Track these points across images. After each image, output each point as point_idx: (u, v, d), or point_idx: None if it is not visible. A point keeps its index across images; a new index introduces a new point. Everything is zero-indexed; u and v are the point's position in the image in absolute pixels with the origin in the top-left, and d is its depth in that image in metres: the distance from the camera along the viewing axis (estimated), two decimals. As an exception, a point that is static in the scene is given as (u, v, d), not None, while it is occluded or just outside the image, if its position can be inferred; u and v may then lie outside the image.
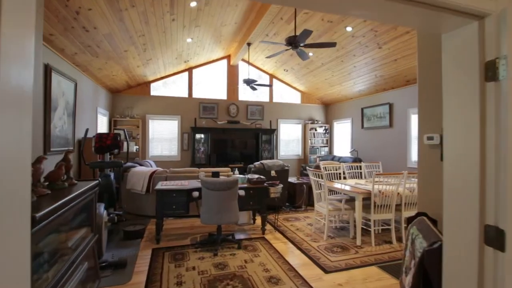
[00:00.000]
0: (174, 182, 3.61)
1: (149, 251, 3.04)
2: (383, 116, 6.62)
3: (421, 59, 2.04)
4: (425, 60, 2.00)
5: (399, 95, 6.24)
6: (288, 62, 7.00)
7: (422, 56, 2.04)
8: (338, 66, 6.19)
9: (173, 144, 7.53)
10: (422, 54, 2.03)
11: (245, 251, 3.05)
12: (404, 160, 6.03)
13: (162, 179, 4.26)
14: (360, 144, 7.45)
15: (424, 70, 2.01)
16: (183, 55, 6.28)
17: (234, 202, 3.09)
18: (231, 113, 7.94)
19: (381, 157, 6.63)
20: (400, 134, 6.19)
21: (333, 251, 3.06)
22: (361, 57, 5.52)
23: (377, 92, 6.85)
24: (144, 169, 4.35)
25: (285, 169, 4.80)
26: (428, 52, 1.98)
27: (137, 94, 7.20)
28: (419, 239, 1.77)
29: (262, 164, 4.71)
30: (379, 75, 6.01)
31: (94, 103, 5.60)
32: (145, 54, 5.28)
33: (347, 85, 7.06)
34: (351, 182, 3.86)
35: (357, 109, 7.54)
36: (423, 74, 2.03)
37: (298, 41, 3.65)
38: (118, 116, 6.94)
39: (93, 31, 3.75)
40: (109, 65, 5.14)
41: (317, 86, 7.80)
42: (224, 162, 7.58)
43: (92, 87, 5.45)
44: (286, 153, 8.58)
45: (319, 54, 5.98)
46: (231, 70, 7.93)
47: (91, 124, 5.38)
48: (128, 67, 5.66)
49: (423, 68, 2.02)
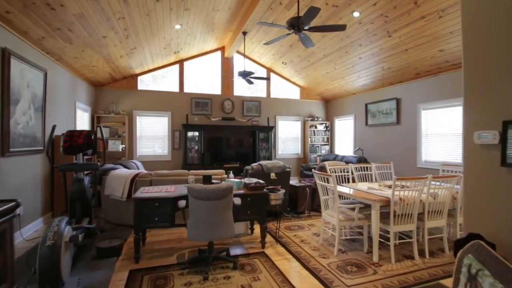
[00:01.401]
0: (158, 187, 3.07)
1: (126, 273, 2.50)
2: (390, 112, 6.15)
3: (470, 33, 1.54)
4: (478, 34, 1.49)
5: (408, 90, 5.77)
6: (287, 54, 6.47)
7: (471, 29, 1.53)
8: (342, 58, 5.69)
9: (163, 142, 6.96)
10: (472, 27, 1.53)
11: (242, 272, 2.54)
12: (413, 160, 5.58)
13: (146, 183, 3.71)
14: (364, 142, 6.98)
15: (475, 48, 1.51)
16: (172, 45, 5.70)
17: (228, 213, 2.56)
18: (225, 109, 7.39)
19: (388, 156, 6.16)
20: (408, 132, 5.73)
21: (347, 270, 2.57)
22: (368, 47, 5.02)
23: (383, 87, 6.38)
24: (125, 172, 3.79)
25: (286, 170, 4.28)
26: (483, 22, 1.48)
27: (122, 88, 6.60)
28: (487, 279, 1.27)
29: (261, 165, 4.18)
30: (387, 67, 5.52)
31: (71, 97, 5.00)
32: (128, 42, 4.70)
33: (350, 79, 6.56)
34: (363, 187, 3.37)
35: (360, 105, 7.07)
36: (473, 54, 1.52)
37: (302, 22, 3.13)
38: (101, 112, 6.34)
39: (60, 10, 3.16)
40: (86, 53, 4.54)
41: (317, 80, 7.29)
42: (219, 162, 7.04)
43: (68, 79, 4.85)
44: (285, 152, 8.08)
45: (321, 45, 5.46)
46: (225, 63, 7.37)
47: (68, 120, 4.79)
48: (110, 57, 5.06)
49: (472, 46, 1.52)
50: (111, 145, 6.41)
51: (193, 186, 2.43)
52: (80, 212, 3.22)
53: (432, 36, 4.16)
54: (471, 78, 1.53)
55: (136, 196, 2.70)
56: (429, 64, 4.92)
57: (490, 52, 1.42)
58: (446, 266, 2.67)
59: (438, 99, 5.10)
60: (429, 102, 5.27)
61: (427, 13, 3.74)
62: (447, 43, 4.19)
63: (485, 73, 1.45)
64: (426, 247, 2.89)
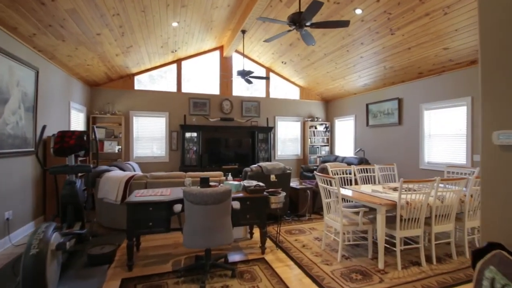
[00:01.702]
0: (153, 191, 2.93)
1: (118, 282, 2.36)
2: (391, 113, 6.04)
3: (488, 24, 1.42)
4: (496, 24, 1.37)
5: (410, 89, 5.65)
6: (287, 53, 6.35)
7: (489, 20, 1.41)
8: (343, 57, 5.57)
9: (161, 143, 6.82)
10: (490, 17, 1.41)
11: (241, 280, 2.40)
12: (415, 161, 5.46)
13: (141, 186, 3.57)
14: (365, 143, 6.86)
15: (494, 39, 1.39)
16: (169, 44, 5.57)
17: (226, 219, 2.43)
18: (224, 109, 7.26)
19: (389, 157, 6.05)
20: (410, 132, 5.61)
21: (351, 278, 2.44)
22: (370, 45, 4.90)
23: (384, 86, 6.26)
24: (120, 174, 3.64)
25: (286, 172, 4.15)
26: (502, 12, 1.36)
27: (119, 88, 6.46)
28: (514, 294, 1.15)
29: (260, 167, 4.05)
30: (389, 67, 5.41)
31: (65, 96, 4.86)
32: (123, 39, 4.56)
33: (351, 79, 6.45)
34: (367, 189, 3.24)
35: (361, 105, 6.95)
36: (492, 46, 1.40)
37: (304, 18, 3.00)
38: (97, 113, 6.19)
39: (51, 5, 3.03)
40: (80, 51, 4.40)
41: (317, 80, 7.17)
42: (217, 163, 6.91)
43: (62, 78, 4.71)
44: (284, 153, 7.95)
45: (322, 44, 5.35)
46: (224, 62, 7.25)
47: (61, 121, 4.65)
48: (105, 56, 4.93)
49: (490, 37, 1.39)
50: (107, 146, 6.26)
51: (190, 189, 2.30)
52: (72, 216, 3.08)
53: (437, 34, 4.04)
54: (489, 73, 1.40)
55: (129, 200, 2.56)
56: (433, 63, 4.81)
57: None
58: (455, 273, 2.55)
59: (441, 99, 4.98)
60: (432, 102, 5.16)
61: (432, 10, 3.62)
62: (452, 41, 4.08)
63: (505, 68, 1.33)
64: (433, 252, 2.77)
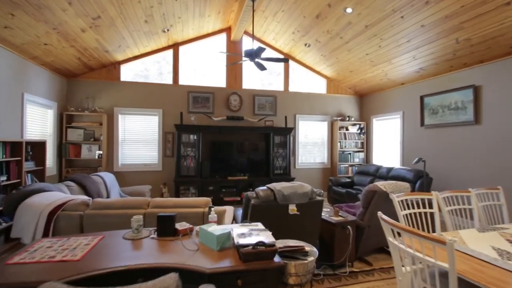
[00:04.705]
0: (61, 243, 1.52)
1: None
2: (462, 107, 4.29)
3: None
4: None
5: (494, 72, 3.89)
6: (312, 31, 4.81)
7: None
8: (393, 28, 3.93)
9: (153, 148, 5.51)
10: None
11: None
12: (506, 177, 3.68)
13: (74, 220, 2.18)
14: (417, 150, 5.12)
15: None
16: (155, 18, 4.23)
17: None
18: (232, 105, 5.83)
19: (459, 169, 4.28)
20: (494, 135, 3.85)
21: None
22: (439, 4, 3.25)
23: (451, 71, 4.52)
24: (44, 201, 2.28)
25: (315, 200, 2.58)
26: None
27: (101, 79, 5.24)
28: None
29: (271, 190, 2.51)
30: (463, 39, 3.70)
31: (16, 87, 3.65)
32: (83, 5, 3.26)
33: (400, 62, 4.76)
34: (479, 245, 1.62)
35: (413, 98, 5.23)
36: None
37: None
38: (72, 110, 4.99)
39: None
40: (22, 20, 3.15)
41: (351, 67, 5.54)
42: (222, 173, 5.48)
43: (8, 60, 3.50)
44: (307, 160, 6.36)
45: (363, 10, 3.76)
46: (232, 48, 5.83)
47: (11, 120, 3.42)
48: (66, 31, 3.66)
49: None
50: (85, 151, 5.04)
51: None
52: None
53: None
54: None
55: None
56: (547, 26, 3.06)
57: None
58: None
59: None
60: (538, 88, 3.38)
61: None
62: None
63: None
64: None
